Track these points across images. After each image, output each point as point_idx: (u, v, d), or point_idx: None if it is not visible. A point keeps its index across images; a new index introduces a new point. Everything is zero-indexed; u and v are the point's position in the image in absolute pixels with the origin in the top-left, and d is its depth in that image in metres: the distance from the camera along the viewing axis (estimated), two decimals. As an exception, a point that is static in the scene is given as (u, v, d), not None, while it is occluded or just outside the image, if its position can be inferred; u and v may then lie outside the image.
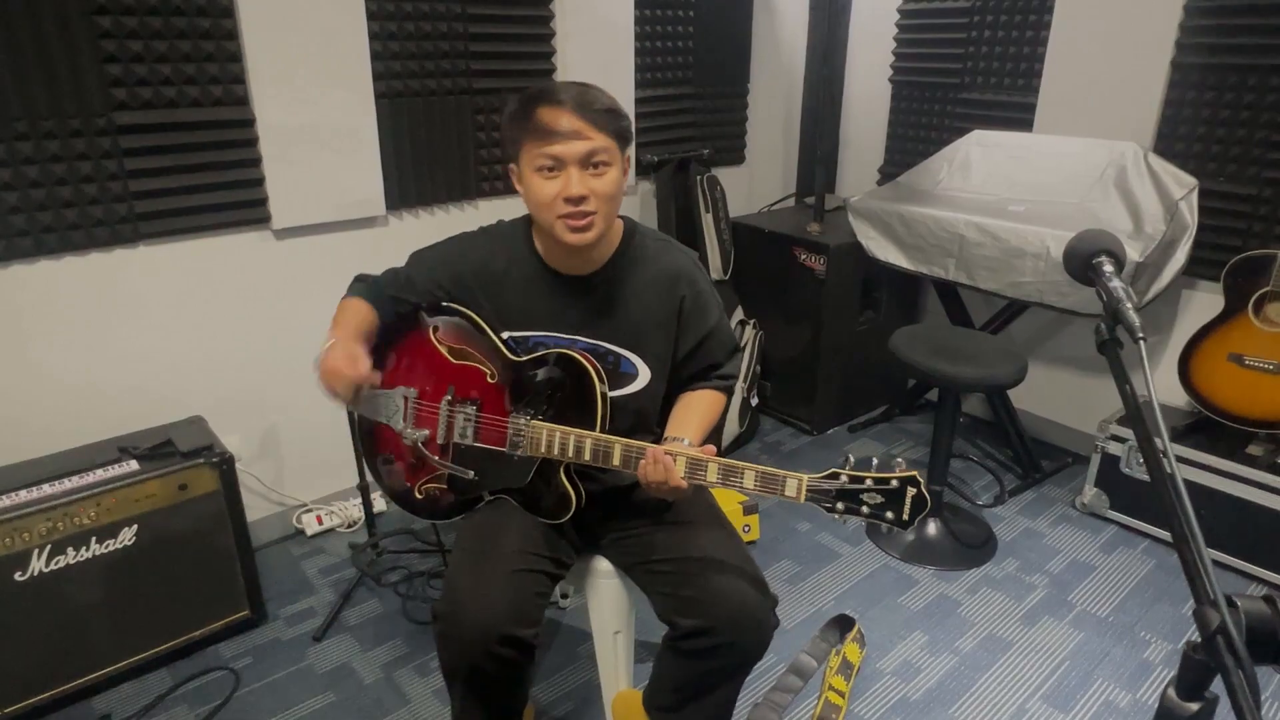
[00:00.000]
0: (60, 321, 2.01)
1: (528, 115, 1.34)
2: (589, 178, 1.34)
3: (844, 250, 2.94)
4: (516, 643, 1.35)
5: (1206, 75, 2.45)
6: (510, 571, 1.39)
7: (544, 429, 1.41)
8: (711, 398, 1.57)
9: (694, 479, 1.33)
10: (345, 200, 2.35)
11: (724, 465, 1.32)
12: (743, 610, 1.38)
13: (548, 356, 1.46)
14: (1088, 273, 1.03)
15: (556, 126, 1.31)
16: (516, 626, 1.35)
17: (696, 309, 1.52)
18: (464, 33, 2.44)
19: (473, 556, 1.44)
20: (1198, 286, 2.60)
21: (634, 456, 1.36)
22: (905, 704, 1.94)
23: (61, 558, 1.79)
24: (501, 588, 1.37)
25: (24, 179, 1.87)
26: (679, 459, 1.33)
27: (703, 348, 1.55)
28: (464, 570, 1.42)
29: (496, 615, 1.33)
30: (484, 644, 1.33)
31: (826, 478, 1.28)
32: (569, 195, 1.33)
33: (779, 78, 3.44)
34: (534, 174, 1.35)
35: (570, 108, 1.32)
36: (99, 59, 1.90)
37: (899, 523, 1.26)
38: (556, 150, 1.32)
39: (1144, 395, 0.86)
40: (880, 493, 1.26)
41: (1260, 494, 2.27)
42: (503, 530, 1.47)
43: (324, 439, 2.48)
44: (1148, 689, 1.99)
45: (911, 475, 1.25)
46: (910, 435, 3.24)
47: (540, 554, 1.46)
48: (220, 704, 1.90)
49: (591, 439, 1.38)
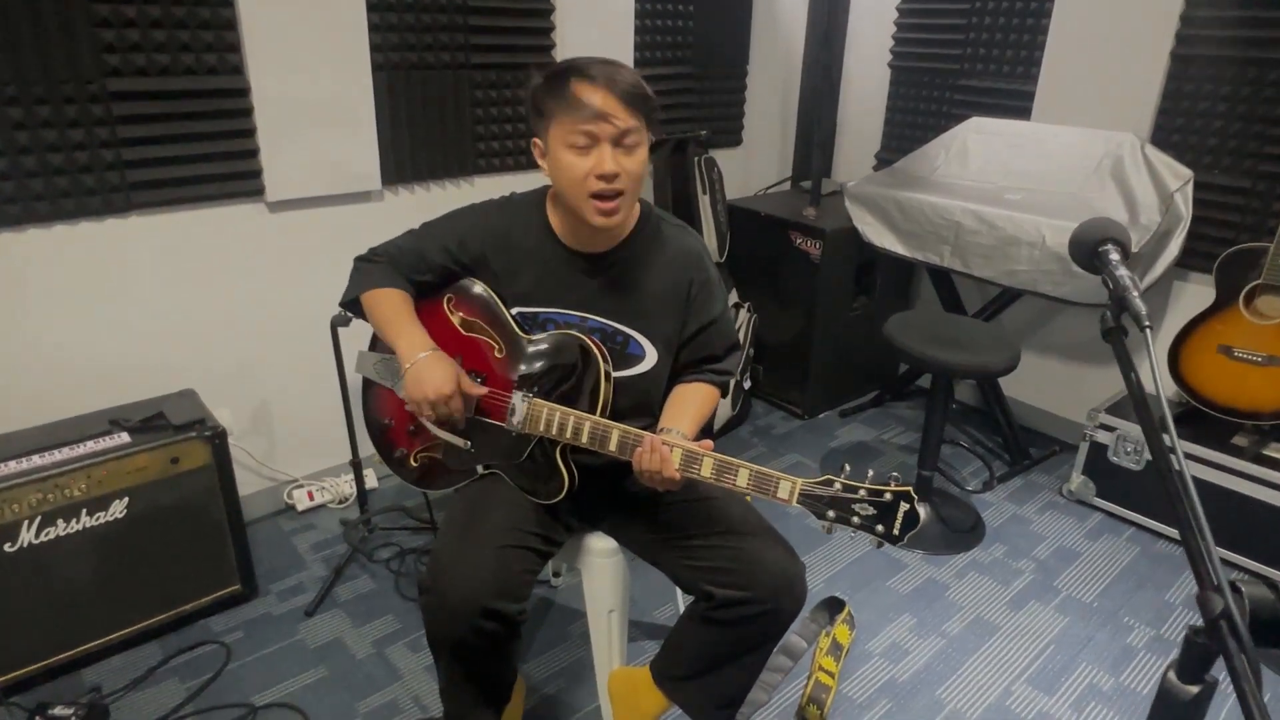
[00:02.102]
0: (50, 291, 1.98)
1: (562, 90, 1.31)
2: (621, 156, 1.33)
3: (839, 235, 2.94)
4: (500, 617, 1.36)
5: (1205, 68, 2.45)
6: (496, 546, 1.40)
7: (544, 407, 1.41)
8: (706, 392, 1.56)
9: (688, 472, 1.33)
10: (341, 174, 2.32)
11: (719, 461, 1.31)
12: (782, 577, 1.40)
13: (555, 337, 1.45)
14: (1094, 260, 1.03)
15: (593, 103, 1.29)
16: (500, 600, 1.36)
17: (704, 295, 1.52)
18: (463, 5, 2.41)
19: (460, 530, 1.45)
20: (1190, 278, 2.62)
21: (630, 443, 1.36)
22: (893, 685, 1.96)
23: (52, 529, 1.78)
24: (486, 561, 1.38)
25: (14, 145, 1.84)
26: (675, 450, 1.32)
27: (703, 335, 1.54)
28: (450, 543, 1.43)
29: (480, 588, 1.35)
30: (468, 617, 1.34)
31: (820, 483, 1.26)
32: (602, 172, 1.32)
33: (778, 60, 3.43)
34: (565, 149, 1.33)
35: (606, 85, 1.30)
36: (92, 24, 1.86)
37: (889, 536, 1.24)
38: (592, 128, 1.30)
39: (1148, 385, 0.87)
40: (873, 504, 1.24)
41: (1245, 484, 2.30)
42: (492, 505, 1.47)
43: (316, 414, 2.47)
44: (1130, 673, 2.02)
45: (906, 490, 1.23)
46: (901, 421, 3.26)
47: (530, 530, 1.46)
48: (211, 678, 1.90)
49: (590, 422, 1.38)
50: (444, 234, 1.52)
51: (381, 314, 1.50)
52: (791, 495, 1.28)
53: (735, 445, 3.01)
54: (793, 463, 2.92)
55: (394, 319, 1.48)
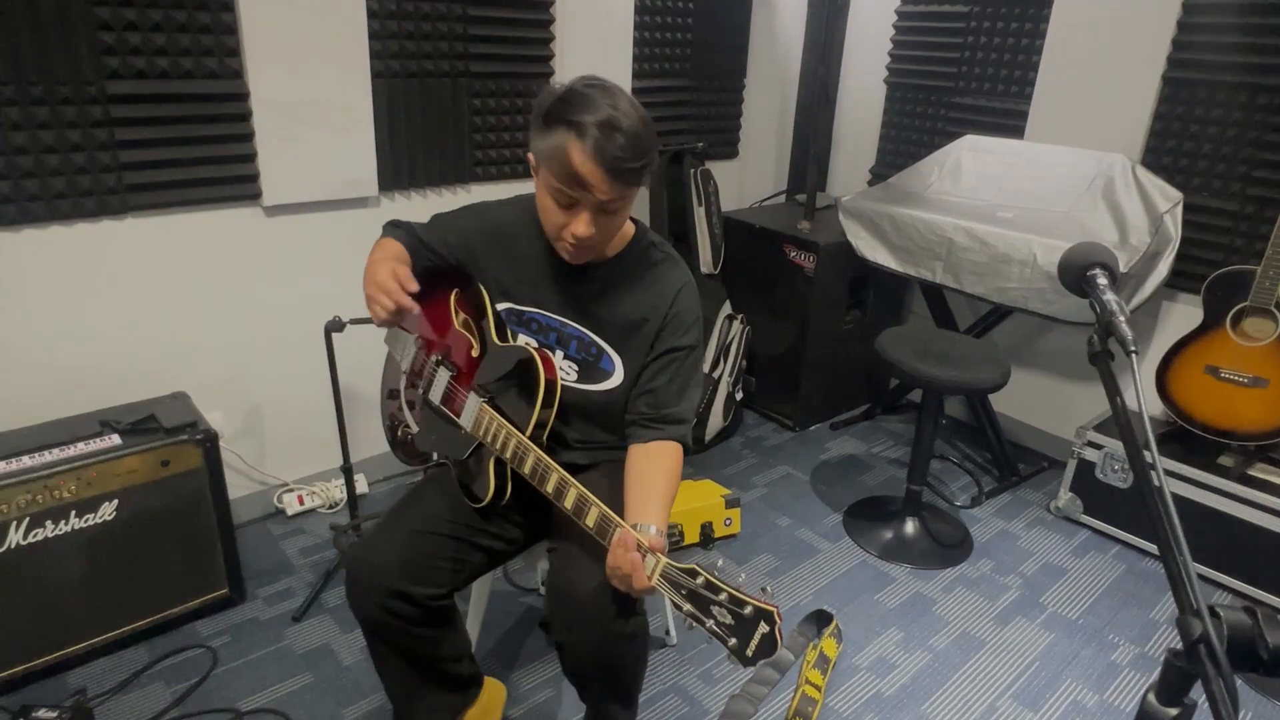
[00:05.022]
0: (44, 291, 1.98)
1: (559, 148, 1.27)
2: (601, 218, 1.33)
3: (833, 249, 2.96)
4: (407, 598, 1.40)
5: (1197, 91, 2.49)
6: (413, 530, 1.45)
7: (491, 417, 1.42)
8: (670, 463, 1.42)
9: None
10: (337, 179, 2.33)
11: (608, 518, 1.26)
12: (582, 612, 1.34)
13: (518, 349, 1.46)
14: (1082, 285, 1.05)
15: (580, 173, 1.26)
16: (408, 583, 1.39)
17: (676, 325, 1.47)
18: (463, 14, 2.42)
19: (390, 514, 1.52)
20: (1178, 299, 2.65)
21: (568, 492, 1.31)
22: (879, 699, 1.97)
23: (40, 530, 1.77)
24: (400, 544, 1.43)
25: (10, 145, 1.84)
26: (649, 557, 1.19)
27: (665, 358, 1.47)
28: (377, 526, 1.51)
29: (386, 569, 1.39)
30: (374, 595, 1.40)
31: (685, 571, 1.15)
32: (576, 236, 1.33)
33: (775, 74, 3.45)
34: (547, 194, 1.34)
35: (597, 158, 1.25)
36: (92, 26, 1.86)
37: (740, 655, 1.10)
38: (575, 194, 1.30)
39: (1133, 408, 0.88)
40: (731, 613, 1.11)
41: (1230, 504, 2.32)
42: (430, 495, 1.54)
43: (308, 419, 2.47)
44: (1115, 690, 2.03)
45: (770, 611, 1.09)
46: (892, 434, 3.27)
47: (464, 523, 1.49)
48: (197, 682, 1.89)
49: (534, 455, 1.35)
50: (446, 224, 1.59)
51: (373, 252, 1.54)
52: (654, 571, 1.18)
53: (726, 456, 3.02)
54: (783, 474, 2.93)
55: (379, 253, 1.53)
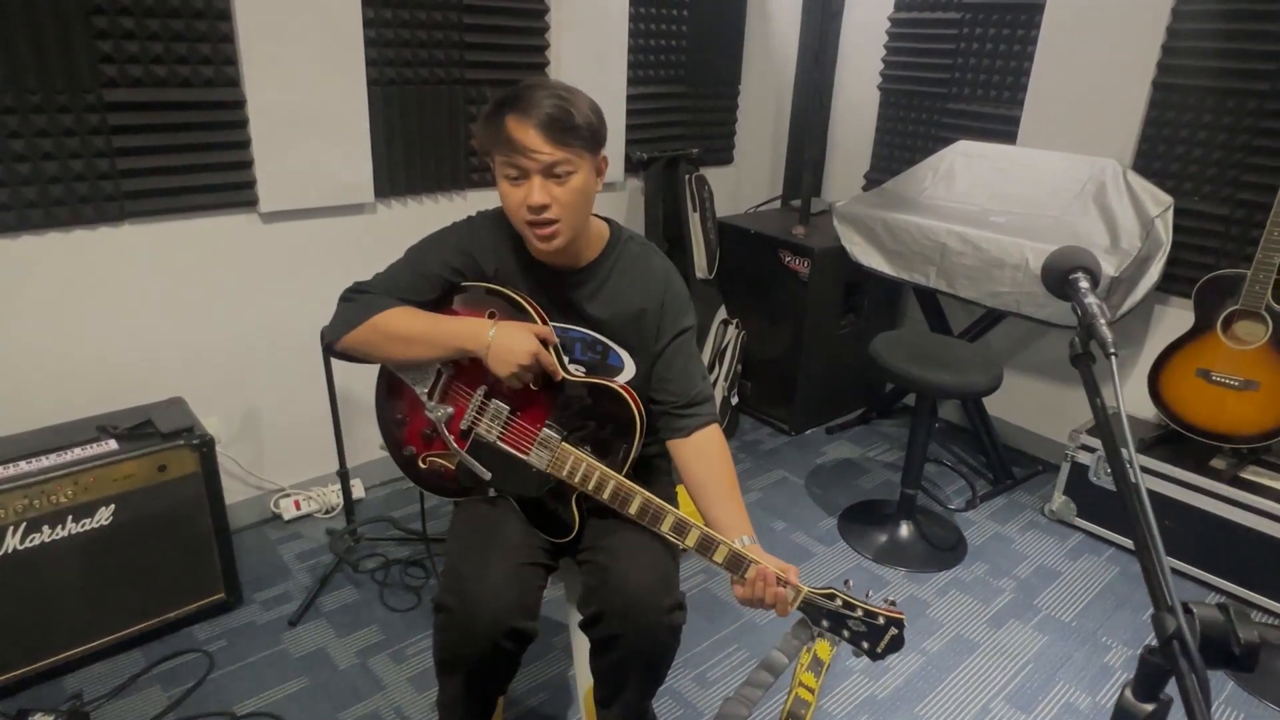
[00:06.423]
0: (42, 297, 1.99)
1: (498, 124, 1.35)
2: (553, 186, 1.35)
3: (828, 254, 2.98)
4: (520, 636, 1.37)
5: (1187, 96, 2.50)
6: (516, 564, 1.40)
7: (571, 453, 1.40)
8: (721, 451, 1.49)
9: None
10: (334, 186, 2.35)
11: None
12: (635, 603, 1.37)
13: (596, 385, 1.44)
14: (1064, 288, 1.07)
15: (523, 140, 1.32)
16: (523, 619, 1.36)
17: (675, 308, 1.52)
18: (459, 22, 2.44)
19: (478, 548, 1.43)
20: (1169, 303, 2.66)
21: (652, 511, 1.36)
22: (873, 701, 1.98)
23: (37, 535, 1.78)
24: (509, 580, 1.37)
25: (8, 153, 1.86)
26: (789, 588, 1.33)
27: (676, 342, 1.52)
28: (470, 561, 1.40)
29: (505, 608, 1.34)
30: (491, 636, 1.33)
31: (824, 595, 1.32)
32: (531, 204, 1.35)
33: (770, 80, 3.47)
34: (502, 179, 1.38)
35: (537, 125, 1.31)
36: (90, 34, 1.88)
37: (871, 654, 1.32)
38: (520, 162, 1.34)
39: (1113, 407, 0.89)
40: (866, 624, 1.31)
41: (1222, 506, 2.33)
42: (504, 520, 1.47)
43: (304, 424, 2.48)
44: (1107, 693, 2.04)
45: (899, 618, 1.30)
46: (887, 438, 3.28)
47: (538, 546, 1.47)
48: (193, 686, 1.90)
49: (615, 482, 1.37)
50: (435, 249, 1.51)
51: (409, 326, 1.45)
52: (795, 599, 1.34)
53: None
54: (779, 478, 2.94)
55: (430, 323, 1.45)
